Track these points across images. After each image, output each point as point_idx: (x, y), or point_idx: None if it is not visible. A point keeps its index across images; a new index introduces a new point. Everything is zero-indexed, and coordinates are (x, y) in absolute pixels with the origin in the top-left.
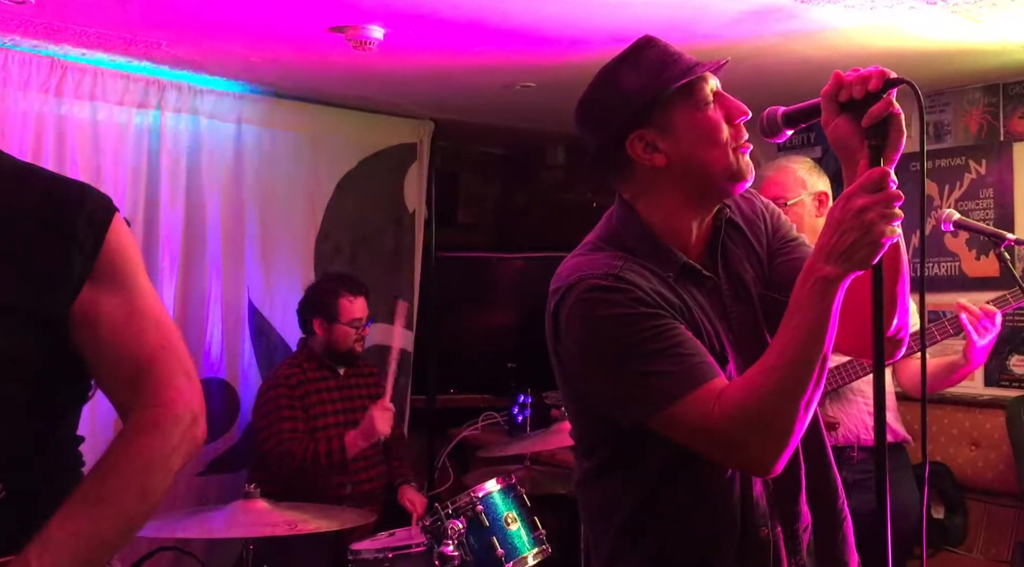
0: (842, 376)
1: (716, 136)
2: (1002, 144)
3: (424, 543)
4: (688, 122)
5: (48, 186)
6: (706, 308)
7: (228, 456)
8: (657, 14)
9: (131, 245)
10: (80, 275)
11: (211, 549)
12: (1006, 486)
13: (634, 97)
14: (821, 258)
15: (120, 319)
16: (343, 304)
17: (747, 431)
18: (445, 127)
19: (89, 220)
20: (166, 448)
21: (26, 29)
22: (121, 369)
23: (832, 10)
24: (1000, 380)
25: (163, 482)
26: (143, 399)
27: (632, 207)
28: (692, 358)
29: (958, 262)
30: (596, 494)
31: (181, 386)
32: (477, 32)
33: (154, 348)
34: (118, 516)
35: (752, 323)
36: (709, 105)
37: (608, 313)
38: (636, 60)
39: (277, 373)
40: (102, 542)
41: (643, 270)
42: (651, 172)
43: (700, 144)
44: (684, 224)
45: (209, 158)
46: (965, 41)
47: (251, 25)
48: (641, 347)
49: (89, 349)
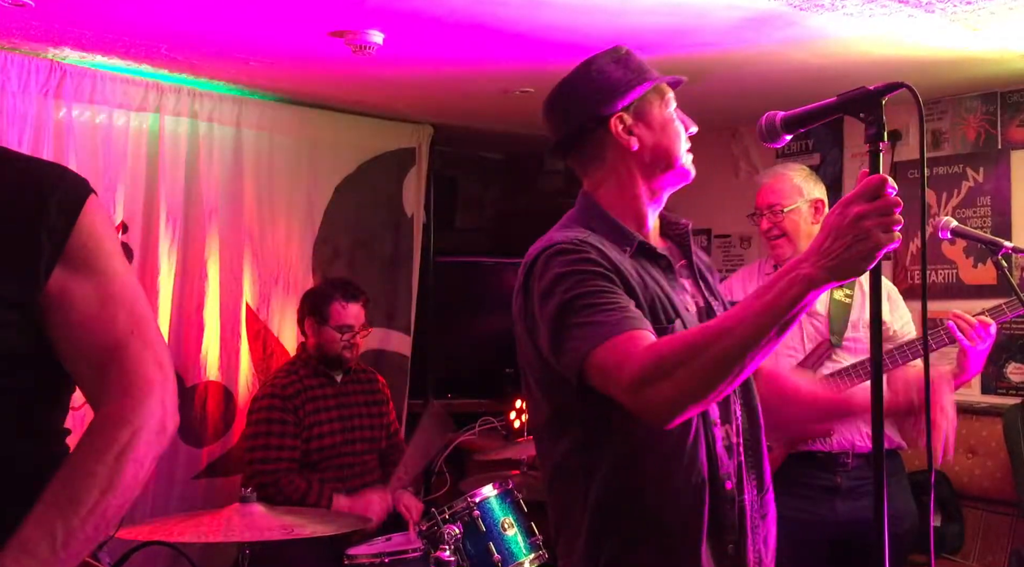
0: (836, 384)
1: (675, 134)
2: (1000, 152)
3: (421, 548)
4: (661, 117)
5: (23, 170)
6: (660, 281)
7: (224, 460)
8: (656, 21)
9: (106, 228)
10: (50, 258)
11: (207, 553)
12: (1003, 494)
13: (619, 85)
14: (810, 258)
15: (91, 304)
16: (335, 308)
17: (652, 374)
18: (444, 132)
19: (61, 202)
20: (135, 441)
21: (25, 32)
22: (90, 357)
23: (831, 18)
24: (997, 388)
25: (135, 474)
26: (112, 388)
27: (592, 197)
28: (624, 311)
29: (956, 270)
30: (567, 482)
31: (151, 375)
32: (476, 37)
33: (123, 334)
34: (91, 513)
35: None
36: (674, 110)
37: (565, 270)
38: (620, 59)
39: (274, 381)
40: (76, 541)
41: (604, 243)
42: (622, 155)
43: (667, 137)
44: (641, 209)
45: (208, 162)
46: (963, 49)
47: (250, 29)
48: (584, 300)
49: (60, 335)
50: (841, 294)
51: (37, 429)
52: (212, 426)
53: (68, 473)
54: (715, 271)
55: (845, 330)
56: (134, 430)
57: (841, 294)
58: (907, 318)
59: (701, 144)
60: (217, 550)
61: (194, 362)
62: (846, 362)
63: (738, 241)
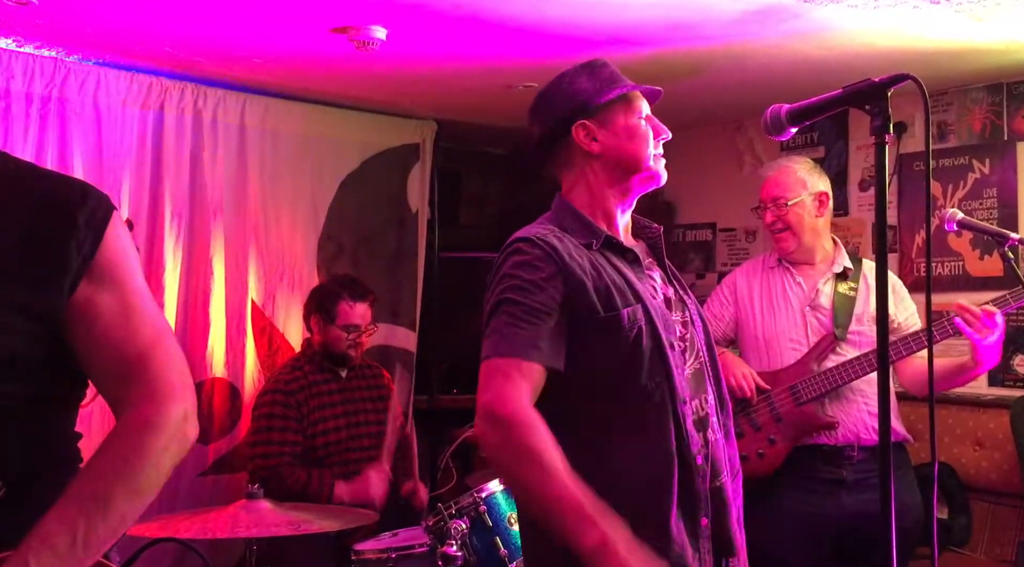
0: (842, 375)
1: (641, 140)
2: (1006, 143)
3: (427, 543)
4: (622, 124)
5: (49, 185)
6: (622, 270)
7: (231, 456)
8: (659, 14)
9: (129, 245)
10: (77, 272)
11: (214, 549)
12: (1010, 486)
13: (585, 95)
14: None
15: (115, 316)
16: (342, 308)
17: (502, 427)
18: (447, 127)
19: (88, 218)
20: (157, 446)
21: (29, 30)
22: (114, 366)
23: (835, 10)
24: (1004, 380)
25: (155, 480)
26: (135, 396)
27: (566, 199)
28: (531, 332)
29: (962, 262)
30: None
31: (173, 383)
32: (479, 32)
33: (147, 345)
34: (111, 514)
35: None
36: (641, 119)
37: (510, 271)
38: (592, 71)
39: (279, 377)
40: (95, 539)
41: (569, 239)
42: (586, 157)
43: (628, 142)
44: (608, 206)
45: (212, 159)
46: (968, 40)
47: (254, 26)
48: (507, 307)
49: (83, 346)
50: (846, 287)
51: (51, 433)
52: (218, 423)
53: (92, 473)
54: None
55: (849, 323)
56: (157, 436)
57: (846, 287)
58: (912, 310)
59: (705, 138)
60: (224, 546)
61: (200, 359)
62: (850, 355)
63: (743, 235)
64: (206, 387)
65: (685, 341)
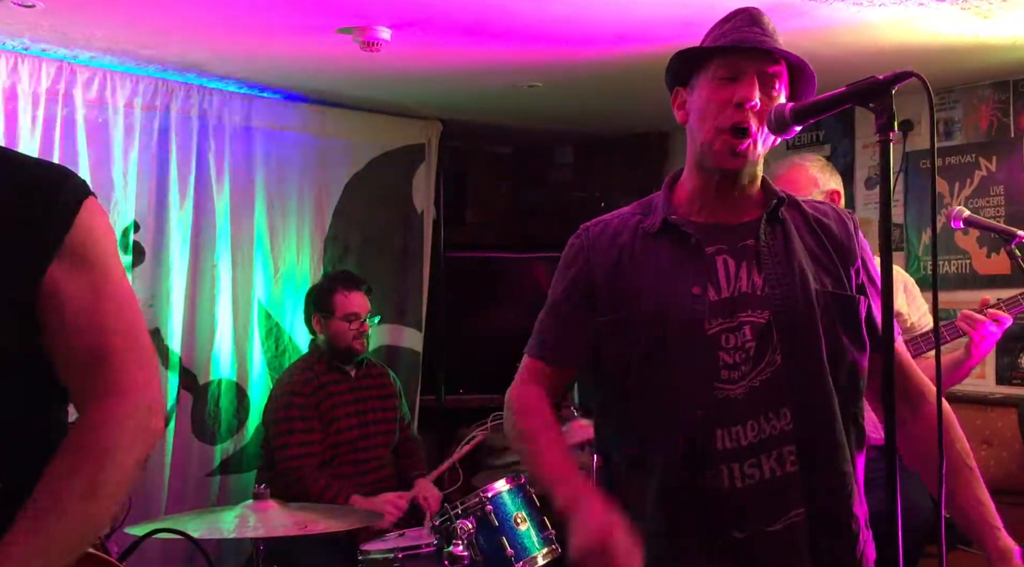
0: None
1: (704, 112)
2: (1012, 141)
3: (434, 543)
4: (699, 91)
5: (27, 171)
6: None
7: (238, 457)
8: (665, 12)
9: (103, 228)
10: (47, 254)
11: (221, 549)
12: (1018, 485)
13: (686, 55)
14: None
15: (83, 301)
16: (338, 299)
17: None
18: (453, 127)
19: (62, 202)
20: (119, 443)
21: (35, 32)
22: (79, 354)
23: (841, 7)
24: (1012, 378)
25: (117, 478)
26: (97, 389)
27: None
28: (549, 334)
29: (969, 259)
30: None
31: (136, 376)
32: (484, 32)
33: (113, 334)
34: (71, 520)
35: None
36: (723, 81)
37: (563, 254)
38: (726, 21)
39: (292, 379)
40: (60, 548)
41: (627, 223)
42: (688, 127)
43: (696, 114)
44: (693, 185)
45: (218, 160)
46: (975, 37)
47: (259, 27)
48: (548, 304)
49: (50, 331)
50: None
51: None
52: (225, 424)
53: (48, 481)
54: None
55: None
56: (117, 433)
57: None
58: (924, 309)
59: None
60: (232, 546)
61: (207, 360)
62: None
63: None
64: (213, 388)
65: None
